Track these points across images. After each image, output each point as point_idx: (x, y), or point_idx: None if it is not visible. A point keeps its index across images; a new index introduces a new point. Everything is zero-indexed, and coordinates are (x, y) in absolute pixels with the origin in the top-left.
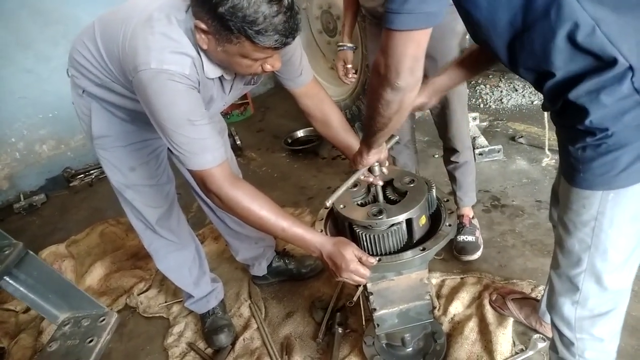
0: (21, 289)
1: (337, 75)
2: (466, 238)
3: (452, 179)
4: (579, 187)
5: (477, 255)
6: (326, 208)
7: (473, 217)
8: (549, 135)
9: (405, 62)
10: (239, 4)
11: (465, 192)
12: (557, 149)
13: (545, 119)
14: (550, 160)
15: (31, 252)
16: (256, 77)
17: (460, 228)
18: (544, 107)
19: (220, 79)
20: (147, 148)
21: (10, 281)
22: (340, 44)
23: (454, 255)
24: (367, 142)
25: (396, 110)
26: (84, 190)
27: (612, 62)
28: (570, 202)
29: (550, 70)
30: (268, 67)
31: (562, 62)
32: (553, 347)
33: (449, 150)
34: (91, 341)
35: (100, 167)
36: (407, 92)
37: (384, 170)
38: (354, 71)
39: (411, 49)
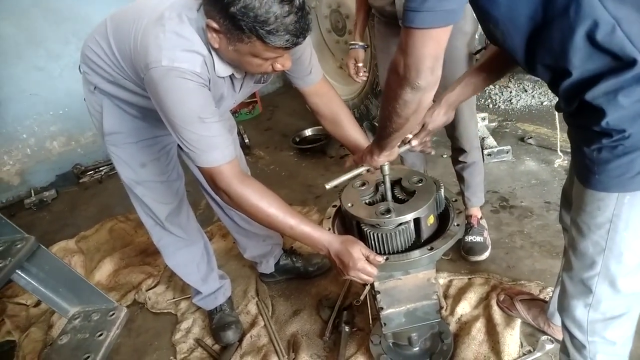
0: (33, 282)
1: (346, 74)
2: (474, 238)
3: (460, 179)
4: (593, 189)
5: (485, 255)
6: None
7: (481, 218)
8: (560, 136)
9: (425, 61)
10: (250, 4)
11: (473, 192)
12: (569, 149)
13: (557, 120)
14: (562, 161)
15: (42, 246)
16: (266, 76)
17: (468, 228)
18: (558, 108)
19: (231, 77)
20: (158, 145)
21: (22, 274)
22: (352, 42)
23: (462, 255)
24: (380, 144)
25: (414, 110)
26: (93, 187)
27: (632, 63)
28: (584, 204)
29: (568, 68)
30: (278, 67)
31: (580, 61)
32: (564, 350)
33: (457, 150)
34: (101, 335)
35: (110, 164)
36: (426, 92)
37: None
38: (365, 70)
39: (431, 47)
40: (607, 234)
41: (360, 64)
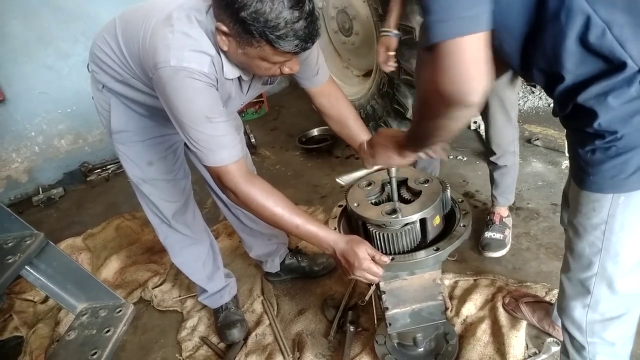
0: (41, 278)
1: (352, 75)
2: (493, 235)
3: (491, 177)
4: (588, 190)
5: (501, 253)
6: (341, 187)
7: (507, 216)
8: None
9: (477, 68)
10: (261, 9)
11: (501, 192)
12: None
13: None
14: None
15: (51, 243)
16: (273, 77)
17: (489, 224)
18: (554, 113)
19: (239, 79)
20: (165, 143)
21: (31, 270)
22: (385, 29)
23: (479, 250)
24: (416, 149)
25: (465, 123)
26: (100, 185)
27: (622, 65)
28: (580, 205)
29: (561, 73)
30: (286, 70)
31: (573, 65)
32: (564, 351)
33: (489, 150)
34: (108, 331)
35: (117, 162)
36: (482, 101)
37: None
38: (395, 59)
39: (475, 51)
40: (602, 235)
41: (392, 53)
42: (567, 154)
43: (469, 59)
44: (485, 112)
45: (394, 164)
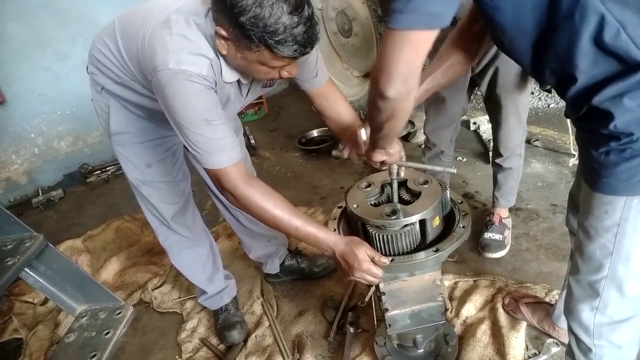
0: (41, 280)
1: (351, 76)
2: (492, 236)
3: (494, 178)
4: (601, 192)
5: (500, 254)
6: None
7: (507, 217)
8: (569, 138)
9: (399, 67)
10: (260, 14)
11: (502, 194)
12: (575, 152)
13: (568, 122)
14: (569, 163)
15: (51, 245)
16: (273, 80)
17: (489, 225)
18: (567, 114)
19: (238, 82)
20: (164, 145)
21: (31, 273)
22: None
23: (478, 251)
24: (372, 142)
25: (388, 118)
26: (100, 187)
27: (637, 66)
28: (592, 207)
29: (574, 73)
30: (285, 74)
31: (586, 66)
32: (569, 353)
33: (496, 152)
34: (107, 333)
35: (117, 164)
36: (397, 102)
37: (401, 173)
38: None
39: (408, 52)
40: (614, 237)
41: None
42: (573, 152)
43: (404, 58)
44: (496, 114)
45: (368, 159)
